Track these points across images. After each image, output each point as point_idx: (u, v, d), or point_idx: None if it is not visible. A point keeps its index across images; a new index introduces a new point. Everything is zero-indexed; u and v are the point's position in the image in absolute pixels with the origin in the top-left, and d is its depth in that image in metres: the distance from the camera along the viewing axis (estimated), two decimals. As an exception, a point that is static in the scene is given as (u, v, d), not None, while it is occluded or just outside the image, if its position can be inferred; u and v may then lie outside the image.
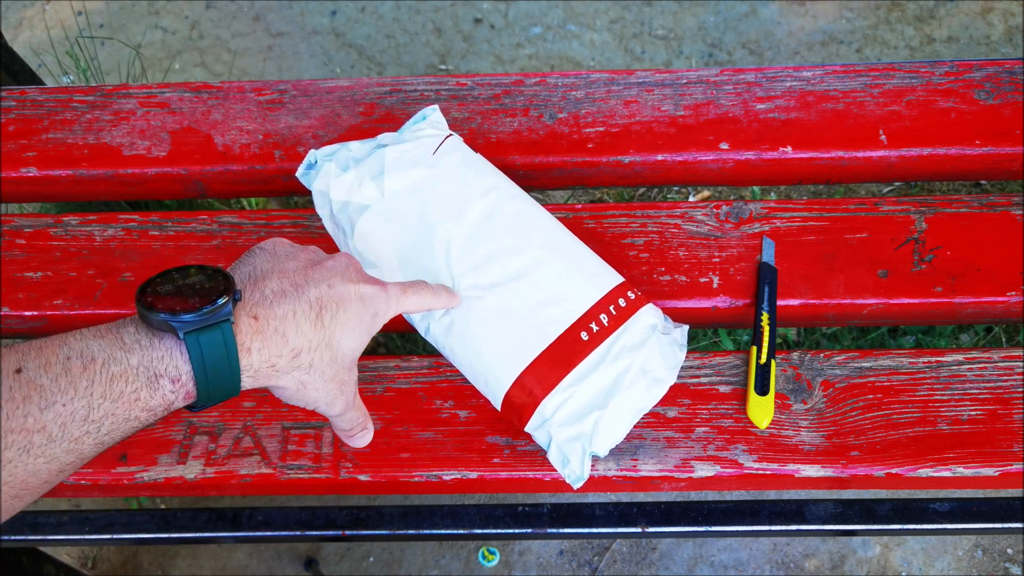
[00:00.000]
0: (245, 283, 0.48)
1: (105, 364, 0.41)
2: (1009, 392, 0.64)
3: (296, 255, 0.51)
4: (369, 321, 0.51)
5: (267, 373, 0.46)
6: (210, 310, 0.43)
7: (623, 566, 1.21)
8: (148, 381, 0.42)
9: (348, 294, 0.50)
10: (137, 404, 0.42)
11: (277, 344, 0.46)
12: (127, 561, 1.25)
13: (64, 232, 0.74)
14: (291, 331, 0.46)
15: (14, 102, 0.81)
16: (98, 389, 0.41)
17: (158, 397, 0.43)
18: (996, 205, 0.71)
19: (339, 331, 0.49)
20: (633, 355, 0.58)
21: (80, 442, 0.41)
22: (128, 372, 0.42)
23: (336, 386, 0.50)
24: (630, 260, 0.70)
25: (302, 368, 0.48)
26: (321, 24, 1.69)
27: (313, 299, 0.48)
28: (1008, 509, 0.72)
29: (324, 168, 0.63)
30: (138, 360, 0.42)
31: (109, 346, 0.42)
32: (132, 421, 0.42)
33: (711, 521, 0.72)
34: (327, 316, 0.48)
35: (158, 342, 0.43)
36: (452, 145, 0.66)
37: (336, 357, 0.49)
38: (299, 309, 0.47)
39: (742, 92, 0.78)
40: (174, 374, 0.43)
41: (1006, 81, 0.77)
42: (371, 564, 1.23)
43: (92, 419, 0.41)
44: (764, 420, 0.63)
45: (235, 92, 0.80)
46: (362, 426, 0.58)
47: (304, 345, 0.47)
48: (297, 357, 0.47)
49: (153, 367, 0.42)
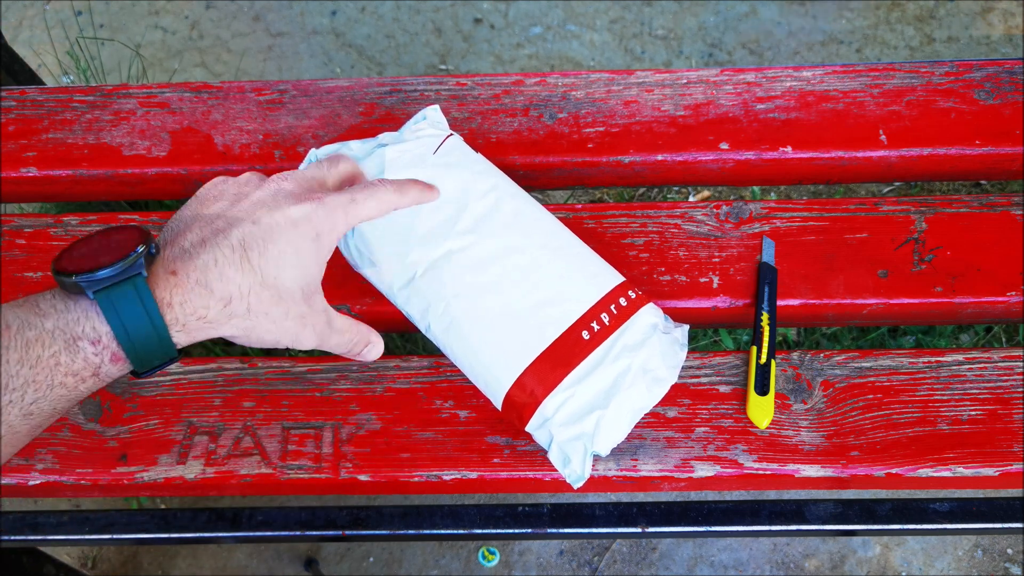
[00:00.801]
0: (167, 240, 0.46)
1: (20, 330, 0.41)
2: (1009, 392, 0.64)
3: (223, 194, 0.48)
4: (311, 245, 0.47)
5: (199, 326, 0.44)
6: (119, 266, 0.41)
7: (623, 566, 1.21)
8: (66, 344, 0.41)
9: (276, 224, 0.46)
10: (58, 369, 0.41)
11: (201, 296, 0.44)
12: (127, 561, 1.25)
13: (64, 232, 0.74)
14: (214, 280, 0.44)
15: (14, 102, 0.81)
16: (13, 355, 0.40)
17: (80, 360, 0.42)
18: (996, 205, 0.71)
19: (273, 267, 0.46)
20: (634, 354, 0.58)
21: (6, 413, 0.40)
22: (43, 336, 0.41)
23: (294, 323, 0.47)
24: (630, 260, 0.70)
25: (239, 315, 0.45)
26: (321, 24, 1.69)
27: (235, 241, 0.45)
28: (1008, 509, 0.72)
29: (324, 168, 0.63)
30: (53, 324, 0.41)
31: (25, 313, 0.41)
32: (58, 387, 0.41)
33: (711, 521, 0.72)
34: (254, 256, 0.45)
35: (73, 304, 0.42)
36: (452, 145, 0.66)
37: (281, 295, 0.46)
38: (220, 255, 0.44)
39: (742, 92, 0.78)
40: (92, 335, 0.42)
41: (1006, 81, 0.77)
42: (371, 564, 1.23)
43: (12, 387, 0.40)
44: (764, 420, 0.63)
45: (235, 92, 0.80)
46: (362, 343, 0.54)
47: (234, 292, 0.44)
48: (228, 305, 0.45)
49: (69, 329, 0.41)
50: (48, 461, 0.64)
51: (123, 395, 0.67)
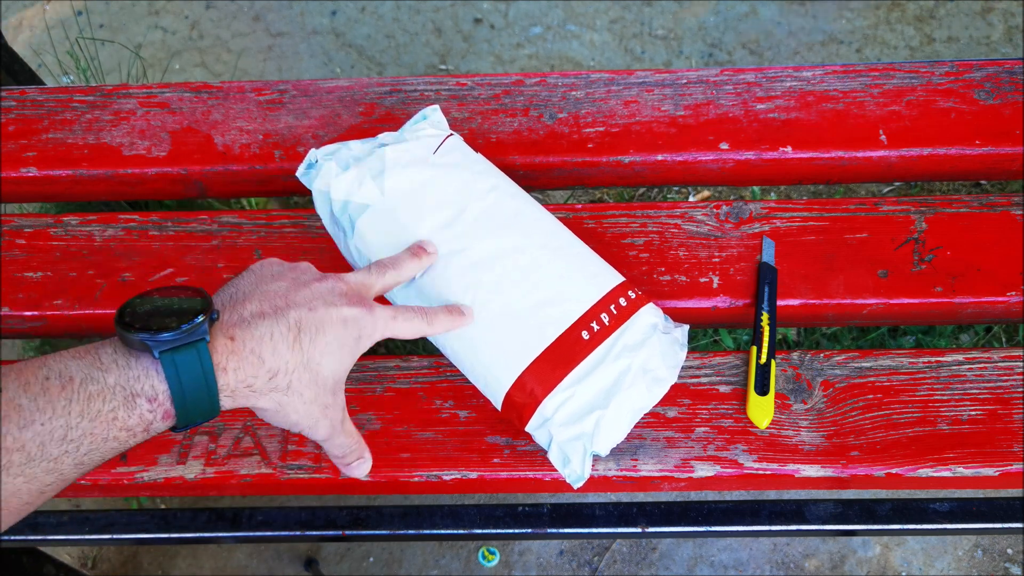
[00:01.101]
0: (226, 304, 0.48)
1: (83, 383, 0.42)
2: (1009, 392, 0.64)
3: (282, 275, 0.51)
4: (352, 344, 0.51)
5: (244, 393, 0.47)
6: (185, 329, 0.43)
7: (623, 566, 1.21)
8: (125, 400, 0.42)
9: (329, 318, 0.50)
10: (115, 423, 0.42)
11: (253, 365, 0.46)
12: (127, 561, 1.25)
13: (64, 232, 0.74)
14: (267, 352, 0.47)
15: (14, 102, 0.81)
16: (76, 408, 0.41)
17: (135, 416, 0.43)
18: (996, 205, 0.71)
19: (318, 354, 0.49)
20: (634, 354, 0.58)
21: (60, 462, 0.41)
22: (105, 391, 0.42)
23: (318, 409, 0.50)
24: (630, 260, 0.70)
25: (279, 389, 0.48)
26: (321, 24, 1.69)
27: (292, 322, 0.48)
28: (1008, 509, 0.72)
29: (324, 167, 0.63)
30: (115, 379, 0.42)
31: (87, 366, 0.43)
32: (111, 441, 0.43)
33: (711, 521, 0.72)
34: (305, 339, 0.48)
35: (135, 362, 0.43)
36: (453, 145, 0.66)
37: (316, 380, 0.49)
38: (276, 331, 0.47)
39: (742, 92, 0.78)
40: (151, 393, 0.43)
41: (1006, 81, 0.77)
42: (371, 564, 1.23)
43: (70, 438, 0.41)
44: (764, 420, 0.63)
45: (235, 92, 0.80)
46: (356, 454, 0.58)
47: (281, 367, 0.47)
48: (274, 378, 0.47)
49: (130, 386, 0.43)
50: (48, 461, 0.64)
51: (123, 395, 0.66)
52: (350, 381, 0.66)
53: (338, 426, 0.53)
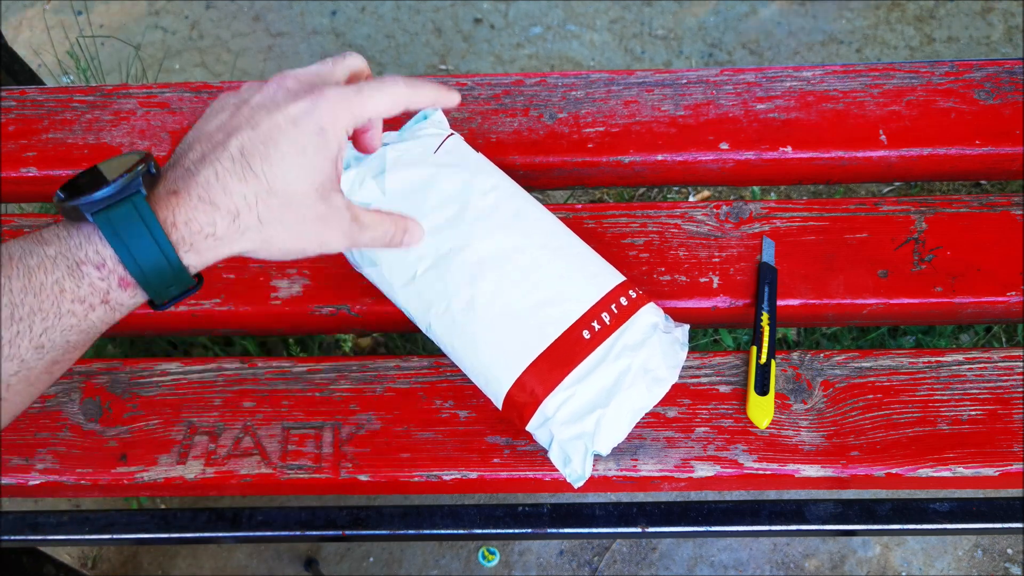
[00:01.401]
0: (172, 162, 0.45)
1: (22, 258, 0.40)
2: (1009, 392, 0.64)
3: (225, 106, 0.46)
4: (316, 142, 0.44)
5: (209, 245, 0.43)
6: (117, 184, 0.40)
7: (623, 566, 1.21)
8: (69, 270, 0.40)
9: (275, 125, 0.44)
10: (64, 296, 0.40)
11: (205, 212, 0.42)
12: (127, 561, 1.25)
13: (64, 232, 0.74)
14: (217, 194, 0.43)
15: (14, 102, 0.81)
16: (16, 284, 0.40)
17: (85, 286, 0.41)
18: (996, 205, 0.71)
19: (279, 171, 0.43)
20: (634, 354, 0.58)
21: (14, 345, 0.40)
22: (45, 262, 0.40)
23: (314, 226, 0.46)
24: (630, 260, 0.70)
25: (252, 228, 0.44)
26: (321, 24, 1.69)
27: (235, 151, 0.43)
28: (1008, 509, 0.72)
29: (324, 168, 0.63)
30: (55, 250, 0.41)
31: (26, 242, 0.41)
32: (67, 316, 0.41)
33: (711, 521, 0.72)
34: (256, 163, 0.43)
35: (75, 231, 0.41)
36: (453, 144, 0.66)
37: (291, 199, 0.44)
38: (220, 168, 0.43)
39: (742, 92, 0.78)
40: (96, 259, 0.41)
41: (1006, 81, 0.77)
42: (371, 564, 1.23)
43: (18, 316, 0.40)
44: (764, 420, 0.63)
45: (235, 92, 0.80)
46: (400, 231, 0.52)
47: (240, 204, 0.43)
48: (238, 219, 0.43)
49: (71, 254, 0.41)
50: (48, 461, 0.64)
51: (123, 395, 0.67)
52: (350, 381, 0.66)
53: (352, 227, 0.48)
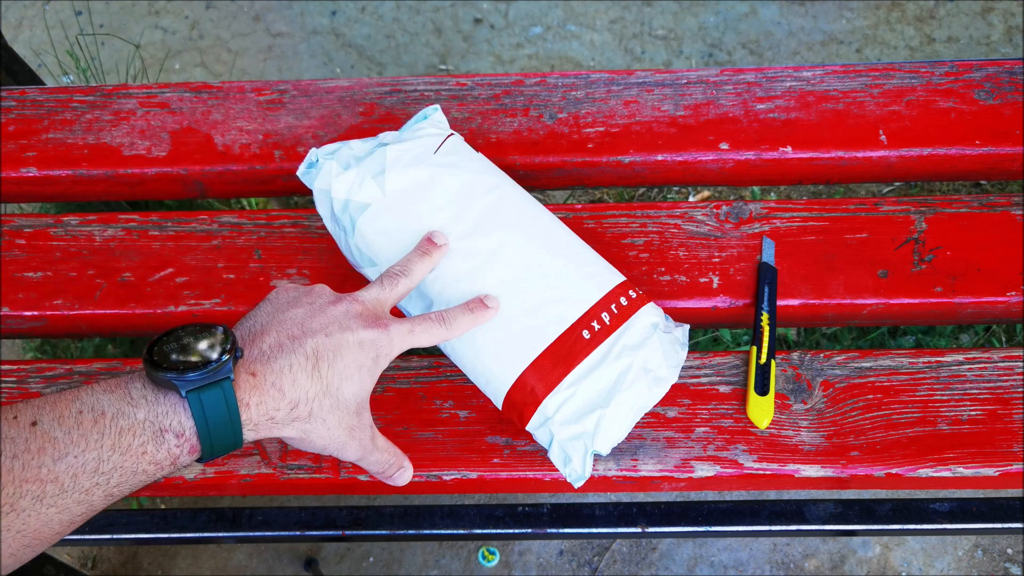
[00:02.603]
0: (246, 339, 0.49)
1: (115, 418, 0.43)
2: (1009, 392, 0.64)
3: (298, 302, 0.53)
4: (370, 365, 0.51)
5: (267, 426, 0.48)
6: (211, 369, 0.45)
7: (623, 566, 1.21)
8: (154, 435, 0.44)
9: (346, 342, 0.50)
10: (144, 457, 0.44)
11: (274, 398, 0.47)
12: (127, 561, 1.25)
13: (64, 232, 0.74)
14: (287, 384, 0.48)
15: (14, 102, 0.81)
16: (108, 442, 0.43)
17: (164, 451, 0.44)
18: (996, 205, 0.72)
19: (337, 379, 0.50)
20: (635, 354, 0.58)
21: (90, 493, 0.43)
22: (135, 426, 0.44)
23: (344, 432, 0.51)
24: (630, 260, 0.70)
25: (301, 419, 0.49)
26: (321, 24, 1.69)
27: (309, 351, 0.49)
28: (1008, 509, 0.72)
29: (325, 166, 0.63)
30: (144, 415, 0.44)
31: (118, 401, 0.44)
32: (140, 475, 0.44)
33: (711, 521, 0.72)
34: (324, 366, 0.49)
35: (163, 398, 0.45)
36: (454, 144, 0.66)
37: (338, 405, 0.50)
38: (295, 362, 0.48)
39: (742, 92, 0.78)
40: (178, 429, 0.45)
41: (1006, 81, 0.77)
42: (371, 564, 1.23)
43: (102, 471, 0.43)
44: (764, 420, 0.63)
45: (235, 92, 0.80)
46: (396, 466, 0.58)
47: (301, 397, 0.48)
48: (295, 408, 0.48)
49: (159, 422, 0.44)
50: (48, 461, 0.64)
51: (123, 395, 0.66)
52: (350, 381, 0.66)
53: (368, 444, 0.54)
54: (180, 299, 0.70)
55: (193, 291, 0.71)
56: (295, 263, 0.71)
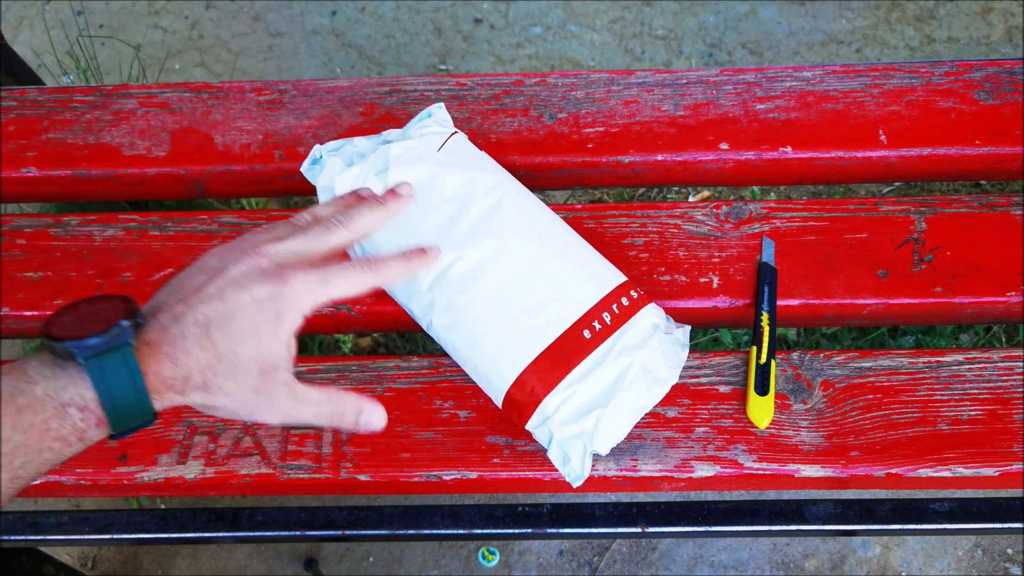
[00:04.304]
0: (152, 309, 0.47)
1: (11, 396, 0.42)
2: (1009, 392, 0.64)
3: (204, 267, 0.49)
4: (270, 324, 0.47)
5: (169, 395, 0.46)
6: (111, 333, 0.42)
7: (623, 566, 1.21)
8: (56, 411, 0.42)
9: (239, 303, 0.47)
10: (48, 434, 0.42)
11: (169, 367, 0.45)
12: (127, 561, 1.25)
13: (64, 232, 0.74)
14: (180, 354, 0.45)
15: (14, 102, 0.81)
16: (7, 422, 0.41)
17: (68, 426, 0.43)
18: (996, 205, 0.71)
19: (231, 344, 0.46)
20: (635, 354, 0.58)
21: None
22: (35, 403, 0.42)
23: (250, 395, 0.48)
24: (630, 260, 0.70)
25: (197, 388, 0.46)
26: (321, 24, 1.69)
27: (201, 318, 0.46)
28: (1008, 509, 0.72)
29: (329, 163, 0.63)
30: (43, 390, 0.42)
31: (14, 381, 0.43)
32: (45, 452, 0.43)
33: (711, 521, 0.72)
34: (215, 333, 0.46)
35: (61, 372, 0.43)
36: (457, 142, 0.66)
37: (235, 370, 0.47)
38: (186, 330, 0.46)
39: (742, 92, 0.78)
40: (80, 402, 0.43)
41: (1006, 81, 0.77)
42: (371, 564, 1.23)
43: (4, 452, 0.41)
44: (764, 420, 0.63)
45: (235, 92, 0.80)
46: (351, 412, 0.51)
47: (194, 366, 0.46)
48: (190, 379, 0.46)
49: (58, 395, 0.43)
50: (48, 461, 0.64)
51: (123, 395, 0.66)
52: (350, 381, 0.66)
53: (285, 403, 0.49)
54: (180, 299, 0.70)
55: (193, 291, 0.71)
56: (295, 263, 0.71)
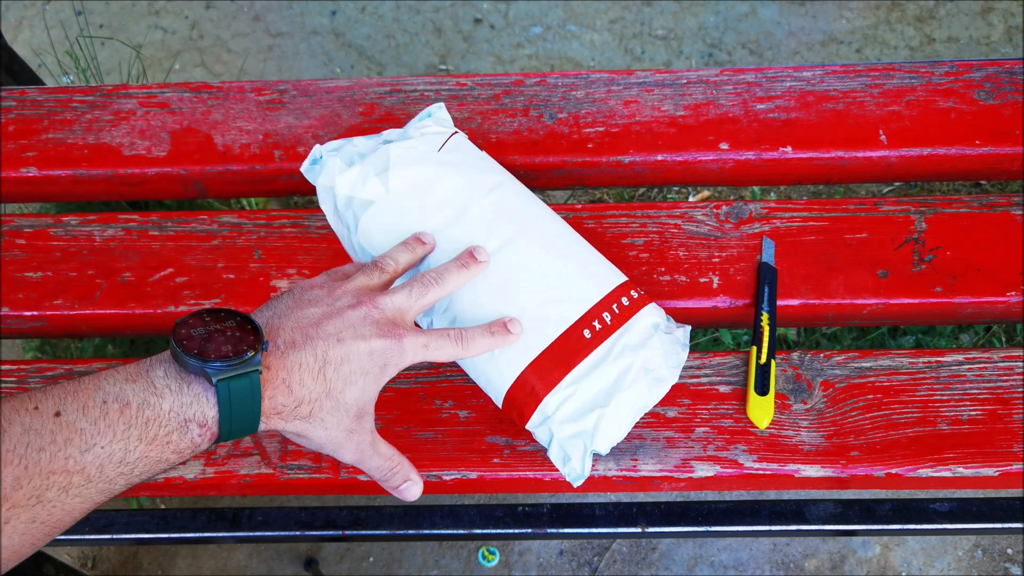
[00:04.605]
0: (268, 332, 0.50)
1: (140, 408, 0.44)
2: (1009, 392, 0.64)
3: (318, 301, 0.52)
4: (376, 373, 0.51)
5: (274, 419, 0.49)
6: (244, 359, 0.45)
7: (623, 566, 1.21)
8: (179, 426, 0.44)
9: (356, 350, 0.50)
10: (168, 447, 0.44)
11: (283, 394, 0.48)
12: (127, 561, 1.25)
13: (64, 232, 0.74)
14: (295, 383, 0.48)
15: (14, 102, 0.81)
16: (135, 432, 0.43)
17: (187, 440, 0.45)
18: (996, 205, 0.72)
19: (341, 383, 0.50)
20: (635, 354, 0.58)
21: (114, 483, 0.43)
22: (161, 416, 0.44)
23: (342, 434, 0.51)
24: (630, 260, 0.70)
25: (302, 417, 0.49)
26: (321, 24, 1.69)
27: (319, 353, 0.49)
28: (1008, 509, 0.72)
29: (329, 163, 0.63)
30: (169, 405, 0.44)
31: (142, 391, 0.44)
32: (162, 463, 0.45)
33: (711, 521, 0.72)
34: (330, 370, 0.49)
35: (187, 387, 0.45)
36: (457, 142, 0.66)
37: (338, 407, 0.50)
38: (304, 362, 0.49)
39: (742, 92, 0.78)
40: (202, 420, 0.45)
41: (1006, 81, 0.77)
42: (371, 564, 1.23)
43: (128, 461, 0.43)
44: (764, 420, 0.63)
45: (235, 92, 0.80)
46: (401, 476, 0.56)
47: (305, 396, 0.49)
48: (299, 407, 0.49)
49: (183, 412, 0.45)
50: (48, 461, 0.64)
51: (123, 395, 0.66)
52: (350, 381, 0.66)
53: (367, 448, 0.54)
54: (180, 299, 0.70)
55: (193, 291, 0.71)
56: (295, 263, 0.71)
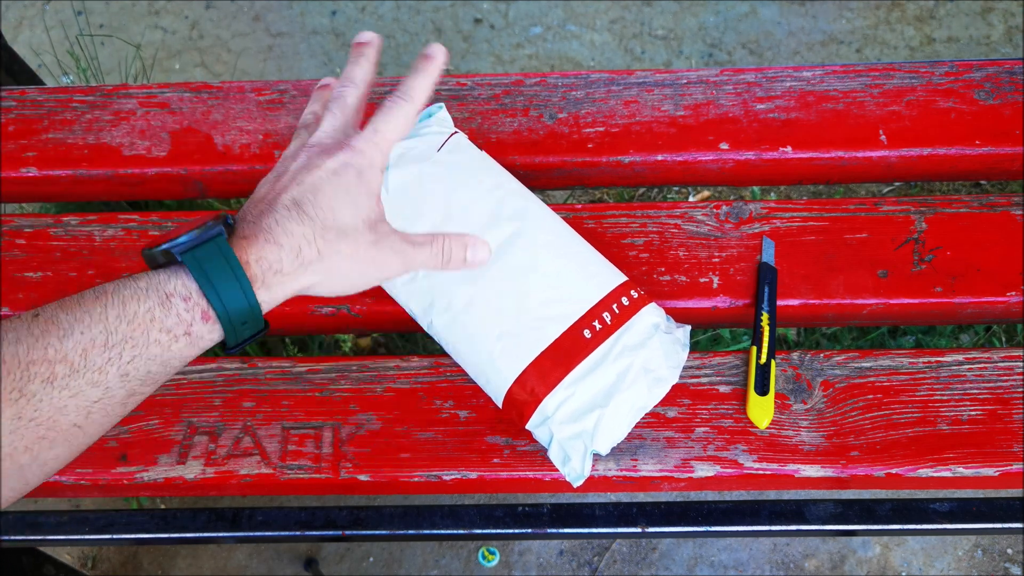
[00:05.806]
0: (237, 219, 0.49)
1: (116, 290, 0.44)
2: (1009, 392, 0.64)
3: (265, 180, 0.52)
4: (356, 183, 0.51)
5: (278, 281, 0.48)
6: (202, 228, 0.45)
7: (623, 566, 1.21)
8: (160, 301, 0.44)
9: (318, 179, 0.50)
10: (153, 324, 0.43)
11: (272, 250, 0.47)
12: (127, 561, 1.25)
13: (64, 232, 0.74)
14: (280, 235, 0.48)
15: (14, 102, 0.81)
16: (112, 312, 0.43)
17: (172, 316, 0.44)
18: (996, 205, 0.71)
19: (328, 211, 0.49)
20: (635, 354, 0.58)
21: (103, 372, 0.42)
22: (139, 292, 0.44)
23: (370, 250, 0.51)
24: (630, 260, 0.70)
25: (314, 260, 0.48)
26: (321, 24, 1.69)
27: (288, 202, 0.49)
28: (1008, 509, 0.72)
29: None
30: (146, 283, 0.44)
31: (119, 281, 0.45)
32: (153, 345, 0.44)
33: (711, 521, 0.72)
34: (308, 208, 0.49)
35: (161, 270, 0.45)
36: (457, 142, 0.66)
37: (343, 231, 0.49)
38: (279, 216, 0.48)
39: (742, 92, 0.78)
40: (183, 292, 0.44)
41: (1006, 81, 0.77)
42: (371, 564, 1.23)
43: (111, 344, 0.42)
44: (764, 420, 0.63)
45: (235, 92, 0.80)
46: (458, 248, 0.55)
47: (300, 241, 0.48)
48: (300, 254, 0.48)
49: (161, 287, 0.44)
50: (48, 461, 0.64)
51: (123, 395, 0.66)
52: (350, 381, 0.66)
53: (405, 247, 0.53)
54: (180, 299, 0.70)
55: (193, 291, 0.71)
56: (295, 263, 0.71)
